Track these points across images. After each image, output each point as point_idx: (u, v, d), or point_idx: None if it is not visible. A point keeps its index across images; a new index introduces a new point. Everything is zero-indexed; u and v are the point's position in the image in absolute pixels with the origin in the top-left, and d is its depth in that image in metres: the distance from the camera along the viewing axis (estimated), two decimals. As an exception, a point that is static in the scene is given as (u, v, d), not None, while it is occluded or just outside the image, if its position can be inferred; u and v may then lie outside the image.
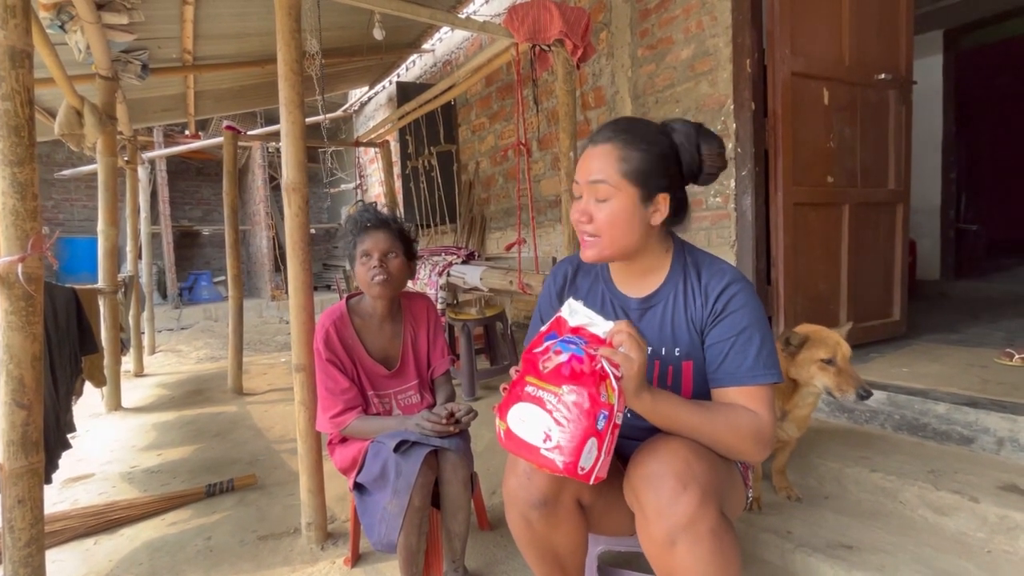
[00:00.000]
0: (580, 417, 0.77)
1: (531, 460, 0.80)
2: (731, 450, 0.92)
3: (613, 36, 3.03)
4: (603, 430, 0.79)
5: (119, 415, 3.11)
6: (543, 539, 0.99)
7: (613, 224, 0.98)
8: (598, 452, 0.78)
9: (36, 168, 1.15)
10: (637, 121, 1.02)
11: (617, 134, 0.99)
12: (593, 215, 0.99)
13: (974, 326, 2.81)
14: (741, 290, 0.99)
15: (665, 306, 1.04)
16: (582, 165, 1.01)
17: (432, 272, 3.21)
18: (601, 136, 1.00)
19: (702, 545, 0.81)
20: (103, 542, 1.71)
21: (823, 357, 1.41)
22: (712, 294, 1.00)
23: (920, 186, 3.97)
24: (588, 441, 0.77)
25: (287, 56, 1.52)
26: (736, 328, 0.96)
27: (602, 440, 0.79)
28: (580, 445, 0.77)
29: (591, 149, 1.01)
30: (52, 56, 2.33)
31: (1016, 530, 1.29)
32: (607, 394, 0.80)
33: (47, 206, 7.77)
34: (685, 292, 1.03)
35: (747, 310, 0.98)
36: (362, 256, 1.42)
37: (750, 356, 0.94)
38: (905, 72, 2.51)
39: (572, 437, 0.77)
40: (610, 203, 0.98)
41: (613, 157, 0.98)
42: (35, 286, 1.14)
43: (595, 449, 0.78)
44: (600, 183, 0.97)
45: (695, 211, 2.66)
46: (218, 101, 4.73)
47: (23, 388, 1.13)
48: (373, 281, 1.40)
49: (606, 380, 0.80)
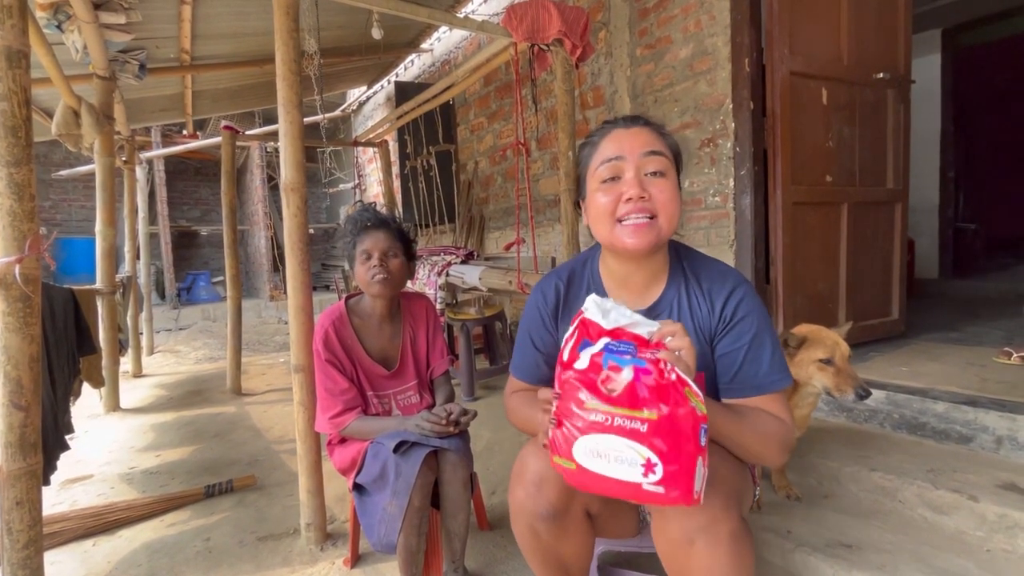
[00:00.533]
0: (684, 440, 0.67)
1: (627, 497, 0.69)
2: (758, 456, 0.91)
3: (612, 35, 3.02)
4: (705, 444, 0.69)
5: (117, 416, 3.11)
6: (550, 549, 0.97)
7: (673, 201, 0.90)
8: (704, 469, 0.70)
9: (33, 168, 1.15)
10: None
11: (644, 120, 0.96)
12: (650, 191, 0.90)
13: (973, 325, 2.81)
14: (746, 294, 0.96)
15: (671, 315, 0.99)
16: (623, 142, 0.92)
17: (431, 272, 3.20)
18: (628, 121, 0.96)
19: (721, 547, 0.79)
20: (102, 543, 1.71)
21: (821, 357, 1.41)
22: (718, 301, 0.96)
23: (918, 185, 3.97)
24: (697, 462, 0.68)
25: (285, 56, 1.51)
26: (747, 336, 0.94)
27: (706, 455, 0.70)
28: (691, 470, 0.67)
29: (624, 130, 0.94)
30: (49, 56, 2.32)
31: (1015, 528, 1.29)
32: (696, 403, 0.69)
33: (44, 206, 7.74)
34: (689, 299, 0.99)
35: (755, 315, 0.95)
36: (362, 256, 1.41)
37: (764, 363, 0.92)
38: (903, 71, 2.51)
39: (681, 464, 0.66)
40: (667, 178, 0.91)
41: (655, 134, 0.94)
42: (32, 287, 1.14)
43: (703, 467, 0.69)
44: (657, 154, 0.90)
45: (694, 210, 2.66)
46: (216, 101, 4.72)
47: (21, 389, 1.13)
48: (373, 280, 1.40)
49: (686, 387, 0.70)
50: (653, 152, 0.90)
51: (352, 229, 1.45)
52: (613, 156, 0.92)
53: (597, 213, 0.94)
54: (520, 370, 1.11)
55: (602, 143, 0.95)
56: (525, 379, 1.10)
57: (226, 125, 3.39)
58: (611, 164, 0.92)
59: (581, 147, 1.02)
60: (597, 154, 0.95)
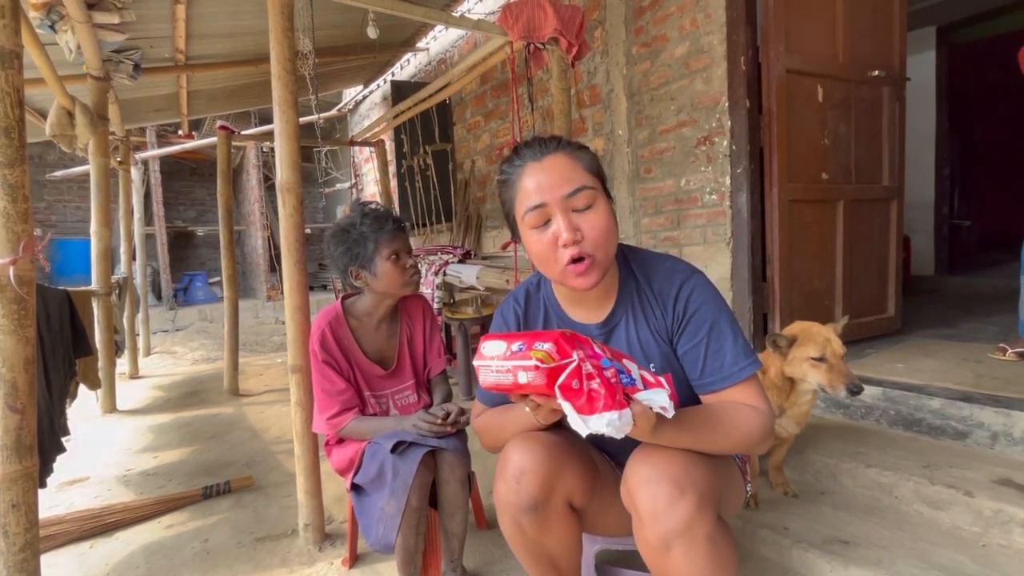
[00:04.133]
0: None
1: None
2: (740, 448, 0.90)
3: (608, 34, 3.02)
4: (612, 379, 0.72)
5: (114, 417, 3.10)
6: (536, 542, 0.98)
7: (607, 231, 0.89)
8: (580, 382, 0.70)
9: (27, 170, 1.14)
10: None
11: (557, 143, 0.93)
12: (582, 230, 0.88)
13: (968, 321, 2.83)
14: (696, 286, 0.96)
15: (627, 324, 1.00)
16: (539, 181, 0.89)
17: (428, 271, 3.20)
18: (542, 149, 0.92)
19: (697, 551, 0.80)
20: (99, 546, 1.70)
21: (813, 355, 1.41)
22: (669, 301, 0.97)
23: (914, 182, 3.99)
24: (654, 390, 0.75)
25: (280, 55, 1.51)
26: (704, 328, 0.94)
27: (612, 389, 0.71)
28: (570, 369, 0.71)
29: (537, 164, 0.90)
30: (42, 56, 2.31)
31: (1010, 524, 1.30)
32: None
33: (39, 207, 7.71)
34: (642, 304, 0.99)
35: (708, 306, 0.95)
36: (391, 257, 1.39)
37: (727, 353, 0.92)
38: (898, 69, 2.52)
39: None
40: (596, 209, 0.89)
41: (572, 159, 0.90)
42: (27, 289, 1.13)
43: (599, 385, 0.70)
44: (582, 190, 0.88)
45: (691, 208, 2.67)
46: (211, 101, 4.70)
47: (16, 392, 1.12)
48: (411, 280, 1.42)
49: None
50: (576, 191, 0.88)
51: (375, 230, 1.39)
52: (536, 204, 0.89)
53: (538, 257, 0.93)
54: (485, 396, 1.10)
55: (520, 183, 0.92)
56: (492, 403, 1.09)
57: (222, 125, 3.38)
58: (537, 212, 0.89)
59: (499, 184, 0.98)
60: (520, 197, 0.92)
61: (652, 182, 2.87)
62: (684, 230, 2.71)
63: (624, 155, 3.00)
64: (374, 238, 1.39)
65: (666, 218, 2.81)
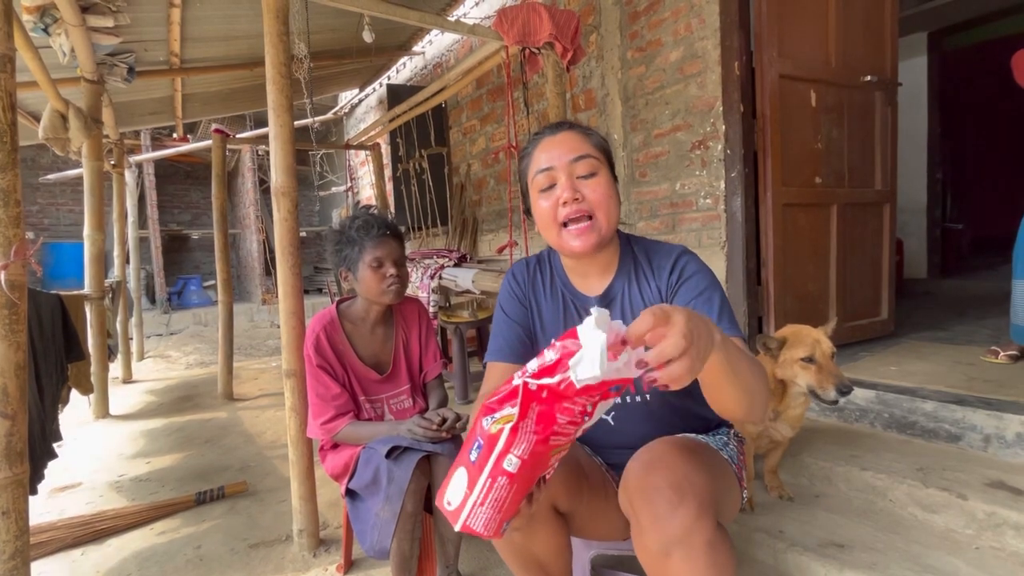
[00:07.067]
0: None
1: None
2: (760, 395, 0.81)
3: (603, 38, 3.04)
4: (475, 462, 0.66)
5: (107, 423, 3.07)
6: (522, 549, 0.98)
7: (608, 197, 0.96)
8: (467, 489, 0.66)
9: (19, 174, 1.13)
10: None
11: (569, 124, 1.02)
12: (583, 192, 0.96)
13: (961, 324, 2.85)
14: (690, 259, 1.02)
15: (623, 297, 1.05)
16: (550, 151, 0.98)
17: (424, 275, 3.20)
18: (555, 128, 1.02)
19: (697, 558, 0.79)
20: (90, 553, 1.69)
21: (802, 356, 1.42)
22: (664, 271, 1.02)
23: (906, 186, 4.02)
24: (457, 471, 0.69)
25: (275, 59, 1.50)
26: (695, 291, 0.97)
27: (474, 476, 0.66)
28: (450, 474, 0.70)
29: (551, 138, 1.00)
30: (36, 59, 2.30)
31: (1003, 526, 1.31)
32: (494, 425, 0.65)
33: (32, 211, 7.66)
34: (639, 279, 1.04)
35: (702, 274, 0.99)
36: (373, 263, 1.38)
37: (714, 313, 0.94)
38: (890, 74, 2.55)
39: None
40: (598, 177, 0.96)
41: (580, 137, 0.99)
42: (18, 293, 1.12)
43: (464, 483, 0.67)
44: (585, 157, 0.96)
45: (686, 212, 2.68)
46: (206, 104, 4.69)
47: (7, 398, 1.11)
48: (388, 289, 1.40)
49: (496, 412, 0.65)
50: (580, 157, 0.96)
51: (361, 235, 1.40)
52: (545, 166, 0.98)
53: (542, 220, 1.00)
54: (500, 352, 1.08)
55: (535, 154, 1.01)
56: (506, 359, 1.07)
57: (217, 128, 3.37)
58: (545, 174, 0.98)
59: (520, 159, 1.08)
60: (532, 165, 1.02)
61: (647, 186, 2.88)
62: (679, 234, 2.72)
63: (619, 159, 3.00)
64: (360, 243, 1.40)
65: (661, 222, 2.82)
